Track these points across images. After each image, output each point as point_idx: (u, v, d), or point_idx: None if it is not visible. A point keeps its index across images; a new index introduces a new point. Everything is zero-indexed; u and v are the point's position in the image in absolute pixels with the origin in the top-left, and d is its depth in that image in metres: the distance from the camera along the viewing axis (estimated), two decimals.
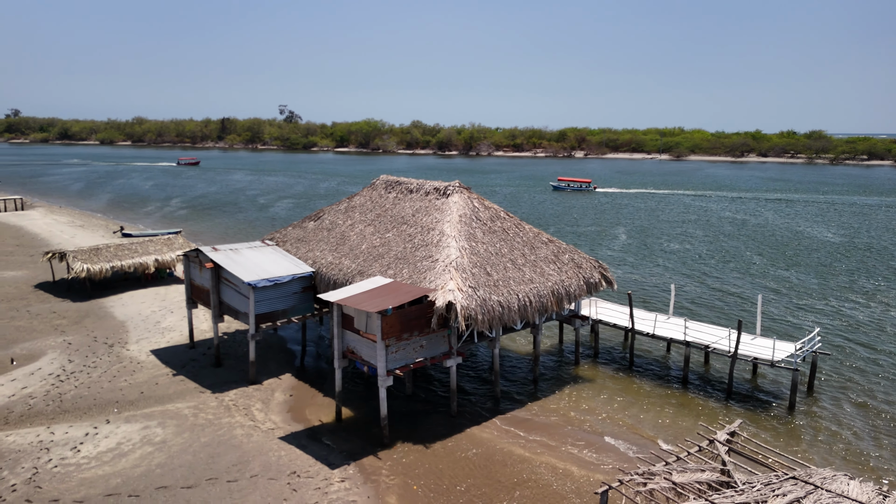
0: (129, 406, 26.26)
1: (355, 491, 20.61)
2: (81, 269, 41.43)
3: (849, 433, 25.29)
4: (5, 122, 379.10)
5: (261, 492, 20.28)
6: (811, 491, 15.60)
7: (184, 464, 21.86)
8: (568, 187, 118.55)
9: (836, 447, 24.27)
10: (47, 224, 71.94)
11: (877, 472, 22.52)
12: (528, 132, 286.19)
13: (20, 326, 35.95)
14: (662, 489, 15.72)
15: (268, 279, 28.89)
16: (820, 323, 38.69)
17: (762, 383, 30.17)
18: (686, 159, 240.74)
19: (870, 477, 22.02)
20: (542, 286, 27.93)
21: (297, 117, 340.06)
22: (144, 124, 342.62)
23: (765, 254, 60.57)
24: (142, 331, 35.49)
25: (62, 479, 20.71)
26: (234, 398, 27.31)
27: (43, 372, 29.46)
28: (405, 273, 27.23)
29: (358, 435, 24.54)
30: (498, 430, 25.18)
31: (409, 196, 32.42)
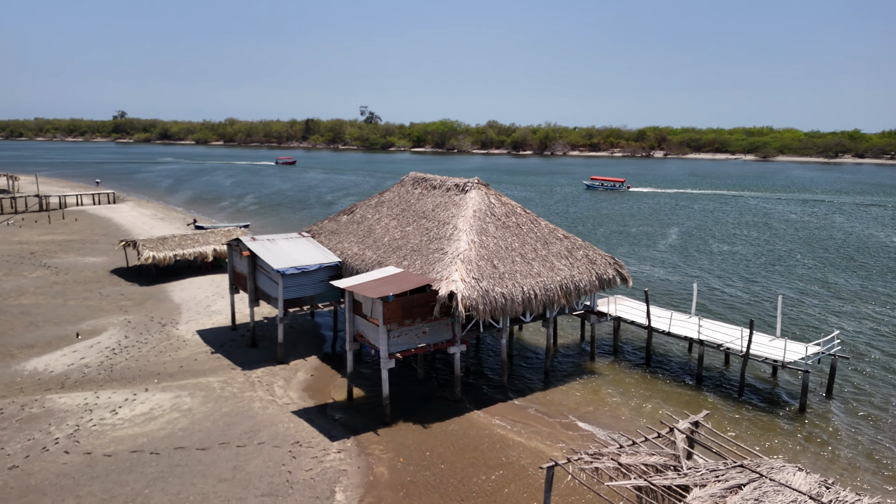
0: (167, 378, 29.17)
1: (348, 461, 22.37)
2: (148, 256, 45.48)
3: (849, 442, 24.74)
4: (112, 124, 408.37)
5: (264, 457, 22.39)
6: (755, 479, 15.99)
7: (203, 429, 24.32)
8: (601, 186, 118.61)
9: (827, 453, 23.88)
10: (132, 216, 78.27)
11: (858, 481, 22.15)
12: (605, 131, 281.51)
13: (91, 306, 40.07)
14: (607, 468, 16.52)
15: (296, 267, 31.18)
16: (858, 330, 37.34)
17: (782, 384, 29.77)
18: (773, 160, 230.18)
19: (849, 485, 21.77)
20: (549, 280, 28.80)
21: (376, 118, 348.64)
22: (235, 125, 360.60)
23: (817, 258, 58.32)
24: (193, 313, 38.79)
25: (97, 435, 23.58)
26: (260, 375, 29.74)
27: (101, 345, 32.99)
28: (417, 264, 28.81)
29: (364, 413, 26.32)
30: (497, 416, 26.32)
31: (431, 192, 33.97)
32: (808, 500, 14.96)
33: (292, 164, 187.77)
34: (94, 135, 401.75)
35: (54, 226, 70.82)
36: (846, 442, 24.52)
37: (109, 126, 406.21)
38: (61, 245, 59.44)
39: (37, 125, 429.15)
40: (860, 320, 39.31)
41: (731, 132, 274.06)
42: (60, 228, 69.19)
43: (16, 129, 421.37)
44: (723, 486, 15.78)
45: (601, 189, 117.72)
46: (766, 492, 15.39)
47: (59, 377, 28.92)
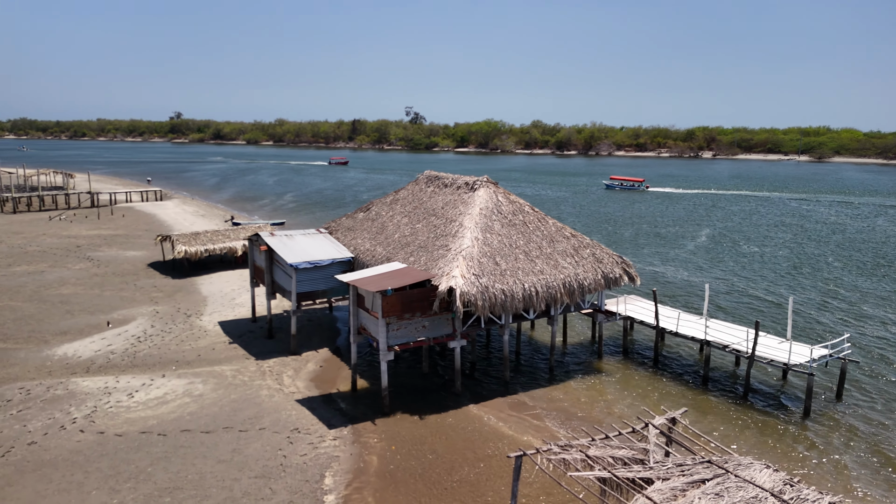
0: (185, 365, 30.63)
1: (342, 448, 23.21)
2: (181, 250, 47.48)
3: (843, 447, 24.17)
4: (169, 125, 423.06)
5: (263, 441, 23.43)
6: (720, 474, 16.09)
7: (210, 414, 25.55)
8: (620, 186, 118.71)
9: (816, 456, 23.45)
10: (176, 213, 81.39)
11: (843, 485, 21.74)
12: (652, 131, 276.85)
13: (124, 296, 42.16)
14: (574, 460, 16.85)
15: (309, 262, 32.24)
16: (879, 335, 36.25)
17: (790, 388, 29.28)
18: (828, 161, 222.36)
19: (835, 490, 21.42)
20: (552, 278, 29.06)
21: (421, 118, 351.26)
22: (284, 125, 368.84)
23: (848, 261, 56.56)
24: (217, 305, 40.42)
25: (112, 417, 25.06)
26: (271, 365, 30.92)
27: (128, 333, 34.80)
28: (423, 260, 29.48)
29: (365, 403, 27.14)
30: (494, 410, 26.76)
31: (443, 190, 34.59)
32: (769, 496, 15.03)
33: (345, 164, 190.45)
34: (151, 135, 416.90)
35: (102, 221, 74.32)
36: (841, 447, 24.03)
37: (166, 127, 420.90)
38: (106, 239, 62.44)
39: (99, 126, 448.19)
40: (883, 325, 38.10)
41: (786, 132, 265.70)
42: (108, 224, 72.57)
43: (79, 130, 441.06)
44: (686, 480, 15.95)
45: (619, 189, 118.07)
46: (728, 487, 15.50)
47: (86, 362, 30.71)
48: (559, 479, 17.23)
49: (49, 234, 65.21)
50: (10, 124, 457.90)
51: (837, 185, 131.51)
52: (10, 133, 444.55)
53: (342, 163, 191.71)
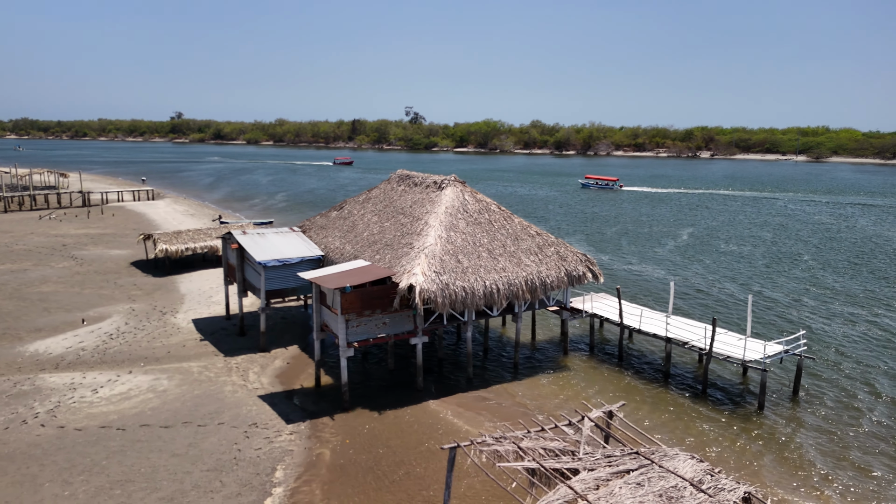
0: (153, 362, 31.03)
1: (297, 442, 23.58)
2: (161, 249, 47.91)
3: (787, 442, 24.51)
4: (170, 124, 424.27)
5: (220, 436, 23.81)
6: (645, 465, 16.44)
7: (171, 409, 25.94)
8: (595, 185, 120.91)
9: (758, 449, 23.77)
10: (166, 212, 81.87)
11: (775, 479, 22.05)
12: (651, 131, 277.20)
13: (103, 294, 42.60)
14: (506, 452, 17.20)
15: (278, 259, 32.60)
16: (845, 333, 36.56)
17: (749, 384, 29.58)
18: (826, 161, 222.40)
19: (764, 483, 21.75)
20: (514, 275, 29.40)
21: (420, 118, 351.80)
22: (285, 125, 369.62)
23: (823, 260, 57.04)
24: (194, 303, 40.83)
25: (74, 412, 25.47)
26: (239, 362, 31.31)
27: (101, 331, 35.22)
28: (387, 258, 29.85)
29: (326, 399, 27.51)
30: (453, 405, 27.11)
31: (412, 189, 34.95)
32: (687, 485, 15.38)
33: (349, 164, 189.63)
34: (152, 135, 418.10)
35: (92, 220, 74.83)
36: (784, 441, 24.31)
37: (167, 127, 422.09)
38: (93, 238, 62.92)
39: (100, 126, 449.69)
40: (850, 323, 38.39)
41: (784, 132, 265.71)
42: (97, 223, 73.07)
43: (80, 130, 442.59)
44: (611, 471, 16.31)
45: (594, 188, 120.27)
46: (650, 477, 15.85)
47: (56, 359, 31.12)
48: (490, 470, 17.57)
49: (37, 233, 65.73)
50: (11, 124, 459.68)
51: (828, 185, 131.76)
52: (11, 133, 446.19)
53: (347, 163, 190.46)
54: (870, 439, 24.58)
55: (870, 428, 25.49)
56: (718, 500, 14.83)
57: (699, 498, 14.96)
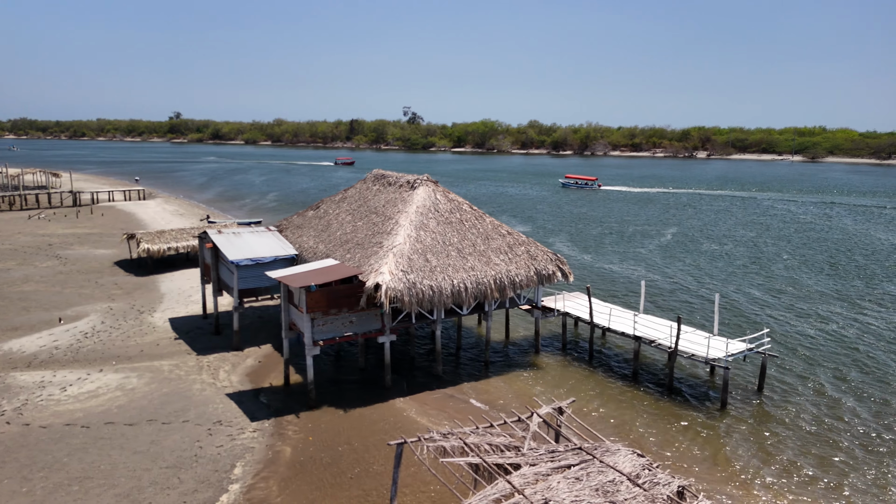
0: (125, 360, 31.21)
1: (259, 440, 23.76)
2: (144, 248, 48.10)
3: (740, 440, 24.68)
4: (168, 124, 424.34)
5: (183, 433, 23.99)
6: (587, 460, 16.63)
7: (138, 407, 26.12)
8: (575, 184, 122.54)
9: (707, 447, 23.94)
10: (156, 212, 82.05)
11: (715, 480, 22.23)
12: (648, 131, 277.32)
13: (83, 293, 42.80)
14: (453, 448, 17.38)
15: (251, 259, 32.77)
16: (817, 331, 36.77)
17: (716, 382, 29.75)
18: (821, 161, 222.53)
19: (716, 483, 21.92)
20: (482, 274, 29.58)
21: (419, 118, 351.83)
22: (283, 125, 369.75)
23: (803, 259, 57.20)
24: (172, 302, 41.01)
25: (41, 410, 25.65)
26: (211, 360, 31.49)
27: (77, 329, 35.40)
28: (357, 257, 30.03)
29: (294, 397, 27.68)
30: (419, 403, 27.29)
31: (386, 189, 35.13)
32: (624, 479, 15.57)
33: (351, 164, 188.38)
34: (150, 135, 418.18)
35: (80, 220, 75.02)
36: (740, 439, 24.48)
37: (165, 127, 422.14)
38: (79, 238, 63.12)
39: (98, 126, 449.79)
40: (823, 321, 38.57)
41: (781, 132, 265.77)
42: (85, 222, 73.25)
43: (79, 130, 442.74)
44: (552, 466, 16.50)
45: (574, 187, 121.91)
46: (590, 472, 16.05)
47: (28, 357, 31.30)
48: (436, 465, 17.75)
49: (25, 232, 65.91)
50: (10, 124, 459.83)
51: (818, 185, 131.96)
52: (10, 133, 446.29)
53: (348, 163, 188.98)
54: (824, 438, 24.76)
55: (827, 427, 25.66)
56: (652, 494, 15.03)
57: (634, 492, 15.15)
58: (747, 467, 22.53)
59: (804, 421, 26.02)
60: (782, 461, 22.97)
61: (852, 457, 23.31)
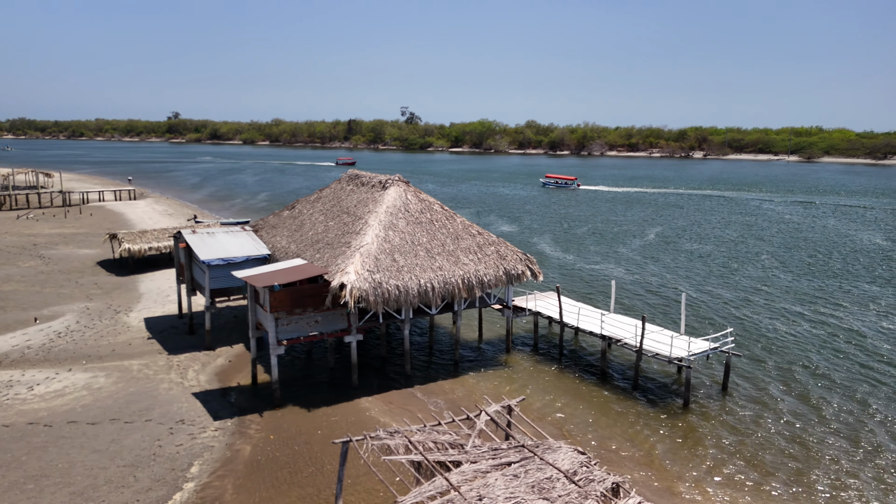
0: (96, 360, 31.32)
1: (219, 439, 23.87)
2: (125, 248, 48.22)
3: (702, 440, 24.78)
4: (166, 124, 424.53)
5: (144, 432, 24.10)
6: (528, 457, 16.77)
7: (103, 406, 26.24)
8: (555, 184, 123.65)
9: (669, 446, 24.05)
10: (144, 212, 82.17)
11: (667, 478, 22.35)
12: (645, 131, 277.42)
13: (62, 293, 42.92)
14: (397, 446, 17.49)
15: (222, 258, 32.87)
16: (787, 331, 36.90)
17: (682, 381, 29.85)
18: (817, 161, 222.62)
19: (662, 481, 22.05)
20: (450, 273, 29.68)
21: (416, 118, 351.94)
22: (281, 125, 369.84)
23: (781, 258, 57.57)
24: (150, 302, 41.13)
25: (5, 409, 25.76)
26: (181, 360, 31.60)
27: (51, 329, 35.52)
28: (326, 256, 30.13)
29: (261, 396, 27.79)
30: (385, 402, 27.40)
31: (359, 189, 35.24)
32: (561, 476, 15.70)
33: (352, 164, 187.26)
34: (149, 135, 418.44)
35: (68, 220, 75.15)
36: (698, 437, 24.57)
37: (164, 127, 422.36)
38: (65, 237, 63.25)
39: (97, 126, 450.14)
40: (793, 321, 38.70)
41: (778, 132, 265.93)
42: (73, 222, 73.39)
43: (77, 130, 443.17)
44: (493, 463, 16.63)
45: (553, 186, 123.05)
46: (529, 469, 16.20)
47: (0, 356, 31.43)
48: (379, 464, 17.86)
49: (11, 232, 66.04)
50: (8, 124, 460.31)
51: (810, 185, 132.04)
52: (8, 133, 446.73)
53: (350, 163, 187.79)
54: (781, 439, 24.85)
55: (786, 428, 25.76)
56: (586, 491, 15.17)
57: (569, 489, 15.30)
58: (699, 466, 22.64)
59: (764, 421, 26.12)
60: (734, 461, 23.07)
61: (806, 457, 23.42)
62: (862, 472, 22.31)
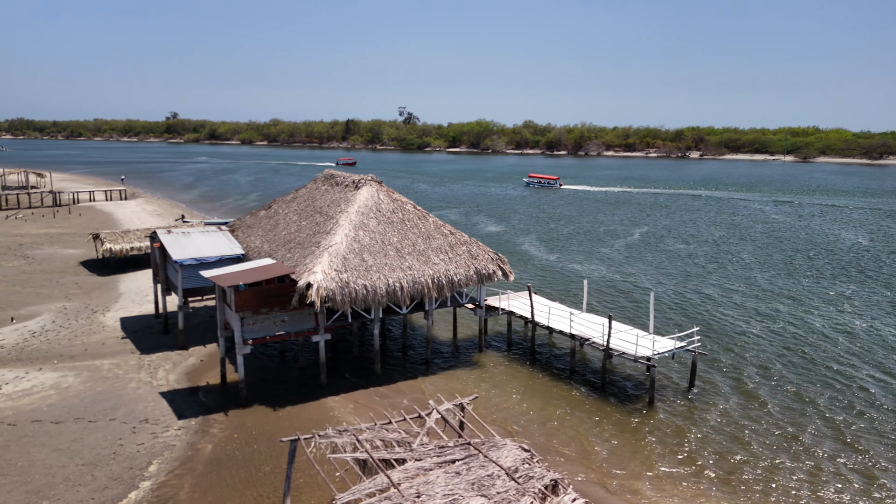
0: (67, 359, 31.39)
1: (182, 437, 23.94)
2: (106, 248, 48.28)
3: (663, 440, 24.87)
4: (165, 125, 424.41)
5: (107, 431, 24.17)
6: (472, 454, 16.84)
7: (69, 405, 26.30)
8: (538, 183, 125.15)
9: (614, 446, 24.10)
10: (133, 212, 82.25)
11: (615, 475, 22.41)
12: (642, 131, 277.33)
13: (41, 293, 42.98)
14: (344, 444, 17.56)
15: (195, 258, 32.92)
16: (759, 331, 36.98)
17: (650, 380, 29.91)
18: (813, 161, 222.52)
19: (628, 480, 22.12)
20: (420, 273, 29.75)
21: (414, 118, 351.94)
22: (279, 125, 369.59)
23: (761, 258, 57.66)
24: (128, 302, 41.20)
25: None
26: (153, 360, 31.67)
27: (26, 329, 35.59)
28: (296, 256, 30.21)
29: (228, 396, 27.85)
30: (350, 401, 27.46)
31: (333, 189, 35.32)
32: (502, 473, 15.79)
33: (352, 164, 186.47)
34: (147, 135, 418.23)
35: (57, 220, 75.23)
36: (657, 438, 24.63)
37: (162, 127, 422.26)
38: (51, 238, 63.32)
39: (95, 126, 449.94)
40: (768, 320, 38.75)
41: (775, 132, 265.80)
42: (61, 222, 73.47)
43: (76, 130, 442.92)
44: (437, 461, 16.71)
45: (536, 186, 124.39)
46: (472, 466, 16.29)
47: None
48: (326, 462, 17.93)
49: None
50: (7, 124, 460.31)
51: (802, 185, 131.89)
52: (7, 133, 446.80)
53: (350, 164, 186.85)
54: (741, 439, 24.91)
55: (747, 428, 25.81)
56: (524, 488, 15.24)
57: (508, 486, 15.38)
58: (653, 464, 22.70)
59: (725, 420, 26.17)
60: (691, 458, 23.14)
61: (762, 458, 23.48)
62: (797, 471, 22.40)
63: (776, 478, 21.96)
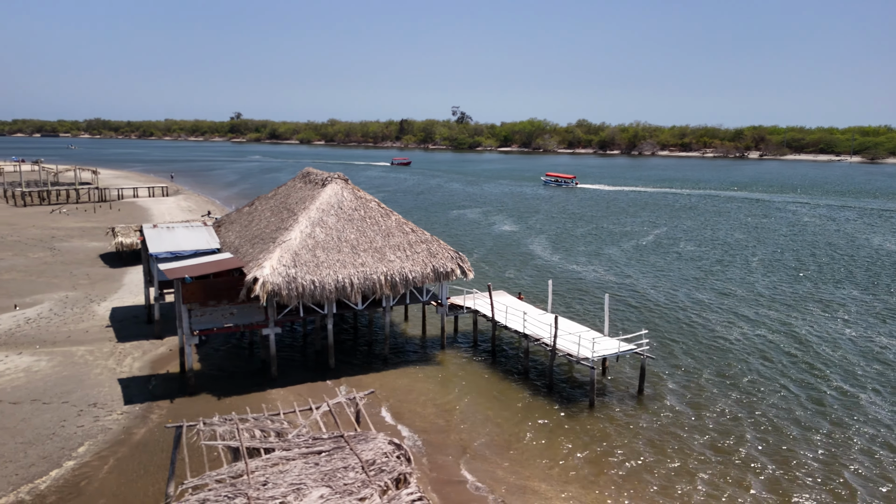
0: (48, 345, 33.25)
1: (120, 422, 25.08)
2: (118, 242, 50.72)
3: (580, 443, 24.24)
4: (229, 124, 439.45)
5: (55, 413, 25.55)
6: (341, 447, 17.09)
7: (31, 388, 27.92)
8: (554, 182, 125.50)
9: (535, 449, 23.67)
10: (168, 208, 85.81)
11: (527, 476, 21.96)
12: (700, 131, 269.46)
13: (52, 283, 45.57)
14: (225, 432, 18.09)
15: (170, 252, 34.24)
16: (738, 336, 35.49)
17: (606, 381, 29.31)
18: (881, 162, 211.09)
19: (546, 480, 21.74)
20: (373, 270, 30.09)
21: (467, 118, 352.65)
22: (336, 125, 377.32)
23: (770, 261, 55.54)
24: (126, 292, 43.20)
25: None
26: (126, 348, 33.17)
27: (25, 315, 37.86)
28: (256, 251, 31.06)
29: (181, 385, 28.91)
30: (295, 394, 28.06)
31: (305, 186, 36.06)
32: (359, 465, 16.01)
33: (407, 164, 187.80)
34: (212, 135, 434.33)
35: (97, 214, 79.29)
36: (581, 440, 24.12)
37: (226, 127, 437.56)
38: (83, 231, 66.87)
39: (165, 126, 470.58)
40: (754, 326, 37.16)
41: (843, 132, 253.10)
42: (99, 217, 77.39)
43: (147, 130, 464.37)
44: (304, 451, 17.04)
45: (553, 185, 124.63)
46: (335, 458, 16.65)
47: None
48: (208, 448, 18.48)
49: (38, 225, 70.27)
50: (85, 124, 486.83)
51: (854, 187, 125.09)
52: (85, 132, 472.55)
53: (405, 163, 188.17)
54: (674, 443, 24.12)
55: (673, 436, 24.97)
56: (371, 480, 15.40)
57: (358, 478, 15.57)
58: (562, 465, 22.29)
59: (656, 426, 25.38)
60: (602, 462, 22.59)
61: (672, 464, 22.70)
62: (699, 481, 21.51)
63: (677, 486, 21.21)
